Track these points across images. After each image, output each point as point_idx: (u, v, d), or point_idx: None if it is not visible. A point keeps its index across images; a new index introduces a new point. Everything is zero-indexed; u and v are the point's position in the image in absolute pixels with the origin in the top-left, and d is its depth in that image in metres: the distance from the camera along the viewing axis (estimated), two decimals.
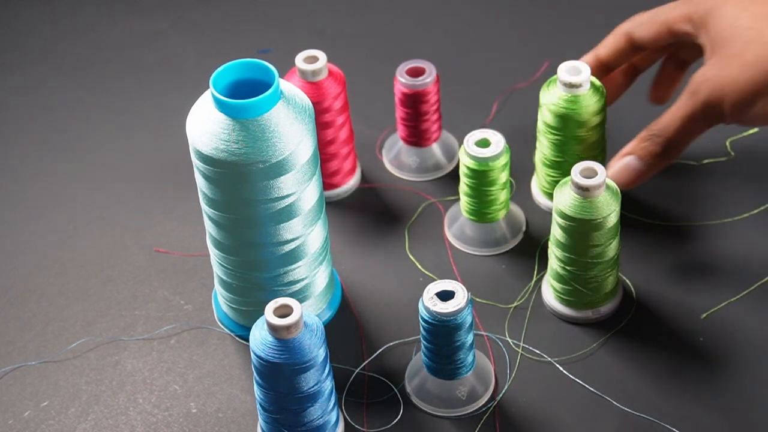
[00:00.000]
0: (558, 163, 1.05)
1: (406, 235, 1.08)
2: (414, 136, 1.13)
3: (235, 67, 0.89)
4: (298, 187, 0.90)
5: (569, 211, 0.93)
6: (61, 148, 1.20)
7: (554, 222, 0.95)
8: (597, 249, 0.94)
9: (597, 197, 0.92)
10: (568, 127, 1.02)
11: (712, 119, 0.94)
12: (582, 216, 0.93)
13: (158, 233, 1.10)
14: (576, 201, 0.93)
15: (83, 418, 0.95)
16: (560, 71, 1.01)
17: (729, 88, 0.92)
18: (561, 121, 1.02)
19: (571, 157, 1.03)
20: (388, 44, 1.30)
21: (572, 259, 0.96)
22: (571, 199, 0.93)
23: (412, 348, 0.99)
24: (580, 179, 0.92)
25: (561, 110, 1.02)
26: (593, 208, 0.92)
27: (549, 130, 1.03)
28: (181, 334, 1.01)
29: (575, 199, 0.93)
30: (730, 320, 0.99)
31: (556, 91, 1.02)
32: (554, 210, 0.95)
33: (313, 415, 0.88)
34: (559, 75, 1.01)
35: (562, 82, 1.01)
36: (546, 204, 1.09)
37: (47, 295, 1.05)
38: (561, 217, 0.94)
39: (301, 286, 0.97)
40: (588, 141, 1.03)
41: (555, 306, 1.00)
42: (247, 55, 1.19)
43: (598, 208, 0.92)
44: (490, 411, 0.94)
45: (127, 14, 1.37)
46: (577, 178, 0.92)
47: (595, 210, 0.92)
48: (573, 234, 0.94)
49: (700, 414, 0.93)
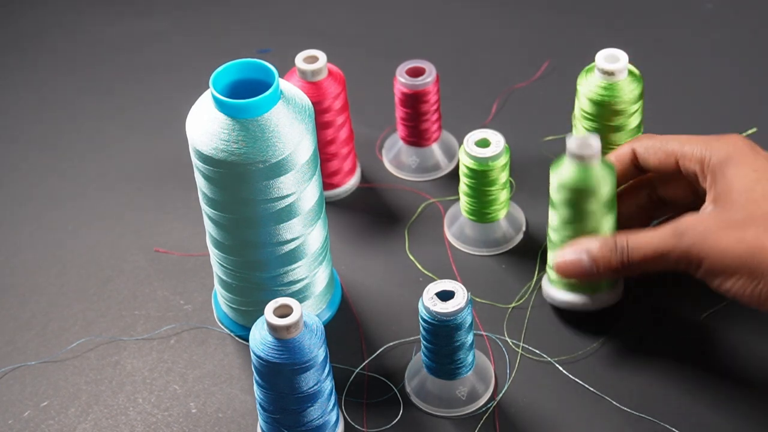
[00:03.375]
0: None
1: (406, 235, 1.08)
2: (414, 136, 1.13)
3: (235, 67, 0.89)
4: (298, 187, 0.90)
5: (569, 181, 0.92)
6: (61, 148, 1.20)
7: (551, 197, 0.95)
8: (593, 220, 0.93)
9: (593, 165, 0.91)
10: (605, 114, 1.02)
11: (682, 266, 0.89)
12: (578, 185, 0.92)
13: (158, 233, 1.10)
14: (575, 171, 0.92)
15: (83, 418, 0.95)
16: (598, 58, 1.01)
17: (715, 252, 0.87)
18: (597, 109, 1.02)
19: (608, 145, 1.03)
20: (388, 44, 1.30)
21: (570, 230, 0.95)
22: (569, 171, 0.92)
23: (412, 348, 0.99)
24: (575, 147, 0.91)
25: (597, 97, 1.02)
26: (589, 176, 0.91)
27: (586, 118, 1.03)
28: (181, 334, 1.01)
29: (574, 170, 0.92)
30: (730, 320, 0.99)
31: (593, 79, 1.02)
32: (552, 183, 0.94)
33: (313, 415, 0.88)
34: (597, 62, 1.01)
35: (599, 69, 1.01)
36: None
37: (47, 295, 1.05)
38: (560, 189, 0.93)
39: (301, 286, 0.97)
40: (625, 129, 1.03)
41: (554, 295, 0.99)
42: (247, 55, 1.19)
43: (594, 177, 0.91)
44: (490, 411, 0.94)
45: (127, 14, 1.37)
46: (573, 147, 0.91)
47: (591, 178, 0.91)
48: (570, 203, 0.93)
49: (700, 414, 0.93)
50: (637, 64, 1.05)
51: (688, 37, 1.29)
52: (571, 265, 0.93)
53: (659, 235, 0.90)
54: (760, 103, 1.19)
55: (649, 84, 1.07)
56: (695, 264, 0.88)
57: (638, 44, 1.23)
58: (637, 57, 1.09)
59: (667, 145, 0.95)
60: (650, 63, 1.16)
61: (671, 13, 1.32)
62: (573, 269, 0.93)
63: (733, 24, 1.30)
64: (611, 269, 0.92)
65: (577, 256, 0.93)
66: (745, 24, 1.30)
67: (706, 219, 0.89)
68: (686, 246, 0.88)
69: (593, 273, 0.93)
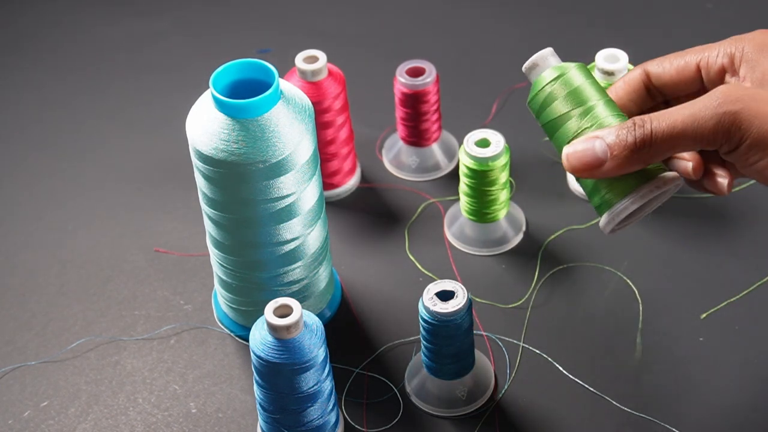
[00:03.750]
0: None
1: (406, 235, 1.08)
2: (414, 136, 1.13)
3: (235, 67, 0.89)
4: (298, 187, 0.90)
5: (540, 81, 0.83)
6: (61, 147, 1.20)
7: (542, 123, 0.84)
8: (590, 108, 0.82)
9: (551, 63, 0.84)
10: None
11: (720, 137, 0.77)
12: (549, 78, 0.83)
13: (158, 233, 1.10)
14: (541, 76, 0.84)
15: (83, 418, 0.95)
16: (598, 58, 1.01)
17: (759, 119, 0.76)
18: None
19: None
20: (388, 44, 1.30)
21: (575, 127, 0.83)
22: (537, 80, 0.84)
23: (412, 348, 0.99)
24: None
25: None
26: (555, 68, 0.83)
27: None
28: (181, 334, 1.01)
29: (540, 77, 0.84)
30: (730, 320, 0.99)
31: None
32: (535, 106, 0.84)
33: (312, 415, 0.88)
34: (597, 62, 1.01)
35: (599, 69, 1.01)
36: (583, 193, 1.08)
37: (47, 295, 1.05)
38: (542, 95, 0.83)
39: (300, 286, 0.97)
40: None
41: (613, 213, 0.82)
42: (247, 55, 1.19)
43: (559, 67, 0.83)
44: (490, 411, 0.94)
45: (127, 14, 1.37)
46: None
47: (559, 68, 0.83)
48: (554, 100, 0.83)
49: (701, 414, 0.93)
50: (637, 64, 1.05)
51: (688, 37, 1.29)
52: (582, 153, 0.79)
53: (695, 102, 0.78)
54: None
55: None
56: (739, 134, 0.76)
57: (638, 44, 1.23)
58: (637, 57, 1.09)
59: (684, 55, 0.85)
60: None
61: (671, 13, 1.32)
62: (584, 159, 0.79)
63: (733, 24, 1.30)
64: (629, 150, 0.78)
65: (590, 142, 0.80)
66: (745, 24, 1.30)
67: (755, 89, 0.79)
68: (732, 108, 0.76)
69: (603, 160, 0.79)
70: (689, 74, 0.84)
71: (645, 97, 0.86)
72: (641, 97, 0.86)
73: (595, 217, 1.08)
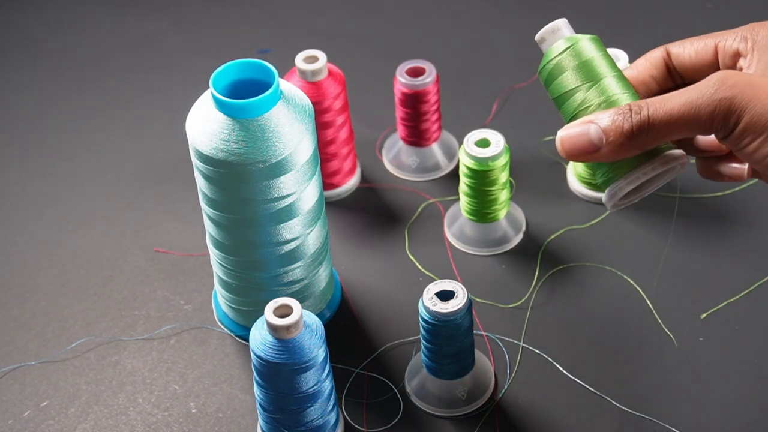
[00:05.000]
0: None
1: (406, 235, 1.08)
2: (414, 136, 1.13)
3: (235, 67, 0.89)
4: (298, 187, 0.90)
5: (553, 51, 0.83)
6: (61, 147, 1.20)
7: (551, 94, 0.84)
8: (598, 84, 0.82)
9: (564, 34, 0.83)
10: None
11: (717, 122, 0.76)
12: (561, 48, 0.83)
13: (158, 233, 1.10)
14: (554, 47, 0.83)
15: (83, 418, 0.95)
16: None
17: (762, 103, 0.76)
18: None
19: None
20: (388, 44, 1.30)
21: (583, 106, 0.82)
22: (550, 51, 0.84)
23: (412, 348, 0.99)
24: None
25: None
26: (567, 39, 0.83)
27: None
28: (181, 334, 1.01)
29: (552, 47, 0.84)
30: (730, 320, 0.99)
31: None
32: (544, 76, 0.83)
33: (312, 415, 0.88)
34: None
35: None
36: (584, 192, 1.08)
37: (47, 295, 1.05)
38: (550, 65, 0.83)
39: (300, 286, 0.97)
40: None
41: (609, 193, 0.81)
42: (247, 55, 1.19)
43: (571, 37, 0.83)
44: (490, 411, 0.94)
45: (127, 14, 1.37)
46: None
47: (570, 39, 0.83)
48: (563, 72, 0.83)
49: (701, 414, 0.93)
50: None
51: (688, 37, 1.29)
52: (576, 138, 0.78)
53: (690, 88, 0.77)
54: None
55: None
56: (735, 117, 0.76)
57: (638, 44, 1.23)
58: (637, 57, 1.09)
59: (704, 38, 0.85)
60: None
61: (671, 13, 1.32)
62: (578, 144, 0.78)
63: (733, 24, 1.29)
64: (625, 136, 0.77)
65: (584, 126, 0.78)
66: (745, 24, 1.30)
67: (752, 73, 0.79)
68: (728, 94, 0.76)
69: (599, 145, 0.78)
70: (707, 56, 0.84)
71: (666, 76, 0.85)
72: (662, 74, 0.85)
73: (595, 218, 1.08)
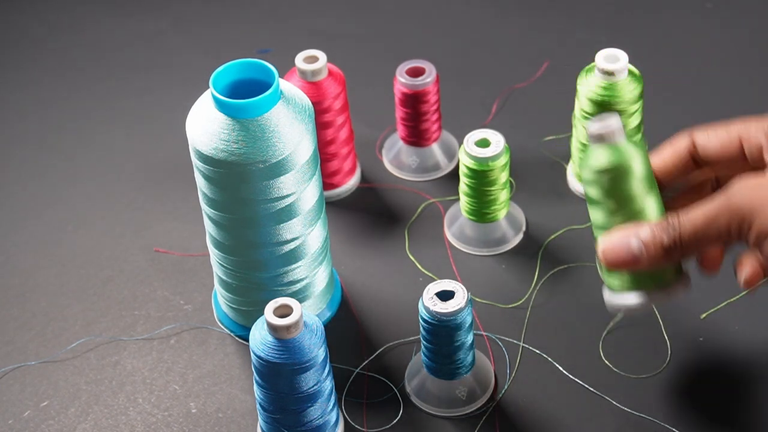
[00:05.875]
0: None
1: (406, 235, 1.08)
2: (414, 136, 1.13)
3: (235, 67, 0.89)
4: (298, 187, 0.90)
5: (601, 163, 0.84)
6: (61, 147, 1.20)
7: (587, 194, 0.86)
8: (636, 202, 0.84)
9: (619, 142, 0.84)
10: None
11: (734, 229, 0.80)
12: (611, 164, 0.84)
13: (158, 233, 1.10)
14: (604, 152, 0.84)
15: (83, 418, 0.95)
16: (598, 58, 1.01)
17: (765, 208, 0.78)
18: (598, 108, 1.02)
19: None
20: (388, 44, 1.30)
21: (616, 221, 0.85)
22: (598, 154, 0.84)
23: (412, 348, 0.99)
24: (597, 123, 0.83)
25: (598, 97, 1.02)
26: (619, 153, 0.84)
27: (586, 118, 1.03)
28: (181, 334, 1.01)
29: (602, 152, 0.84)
30: (730, 320, 0.99)
31: (593, 79, 1.02)
32: (586, 176, 0.85)
33: (312, 415, 0.88)
34: (597, 62, 1.01)
35: (599, 69, 1.01)
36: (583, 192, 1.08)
37: (47, 295, 1.05)
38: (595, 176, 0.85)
39: (301, 286, 0.97)
40: (625, 129, 1.02)
41: (619, 301, 0.87)
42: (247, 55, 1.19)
43: (623, 152, 0.84)
44: (490, 411, 0.94)
45: (127, 14, 1.37)
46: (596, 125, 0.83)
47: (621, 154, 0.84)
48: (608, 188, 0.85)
49: (700, 414, 0.93)
50: (637, 64, 1.05)
51: (688, 37, 1.29)
52: (618, 248, 0.83)
53: (708, 200, 0.81)
54: (760, 102, 1.19)
55: (649, 84, 1.07)
56: (747, 224, 0.79)
57: (638, 44, 1.23)
58: (637, 57, 1.09)
59: (729, 127, 0.87)
60: (650, 63, 1.16)
61: (671, 13, 1.32)
62: (620, 254, 0.83)
63: (733, 24, 1.30)
64: (663, 249, 0.82)
65: (625, 239, 0.83)
66: (745, 24, 1.30)
67: (759, 177, 0.81)
68: (736, 204, 0.79)
69: (639, 256, 0.82)
70: (733, 150, 0.85)
71: (690, 166, 0.87)
72: (687, 165, 0.87)
73: None
